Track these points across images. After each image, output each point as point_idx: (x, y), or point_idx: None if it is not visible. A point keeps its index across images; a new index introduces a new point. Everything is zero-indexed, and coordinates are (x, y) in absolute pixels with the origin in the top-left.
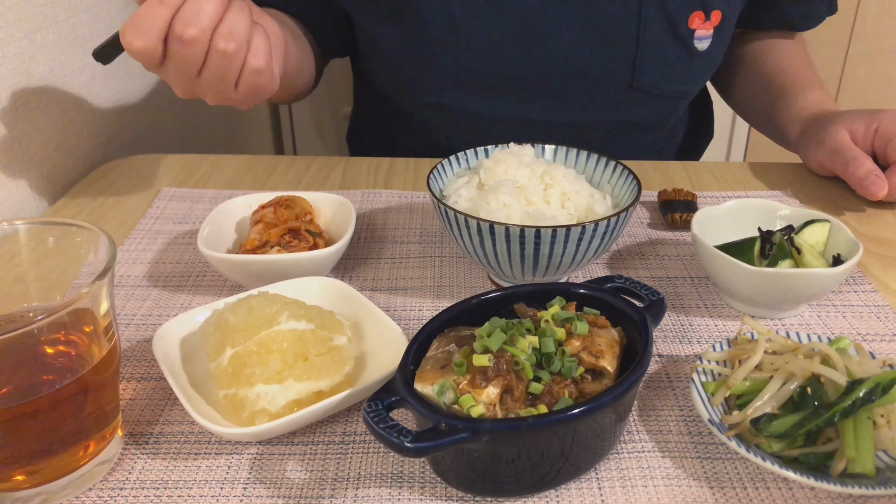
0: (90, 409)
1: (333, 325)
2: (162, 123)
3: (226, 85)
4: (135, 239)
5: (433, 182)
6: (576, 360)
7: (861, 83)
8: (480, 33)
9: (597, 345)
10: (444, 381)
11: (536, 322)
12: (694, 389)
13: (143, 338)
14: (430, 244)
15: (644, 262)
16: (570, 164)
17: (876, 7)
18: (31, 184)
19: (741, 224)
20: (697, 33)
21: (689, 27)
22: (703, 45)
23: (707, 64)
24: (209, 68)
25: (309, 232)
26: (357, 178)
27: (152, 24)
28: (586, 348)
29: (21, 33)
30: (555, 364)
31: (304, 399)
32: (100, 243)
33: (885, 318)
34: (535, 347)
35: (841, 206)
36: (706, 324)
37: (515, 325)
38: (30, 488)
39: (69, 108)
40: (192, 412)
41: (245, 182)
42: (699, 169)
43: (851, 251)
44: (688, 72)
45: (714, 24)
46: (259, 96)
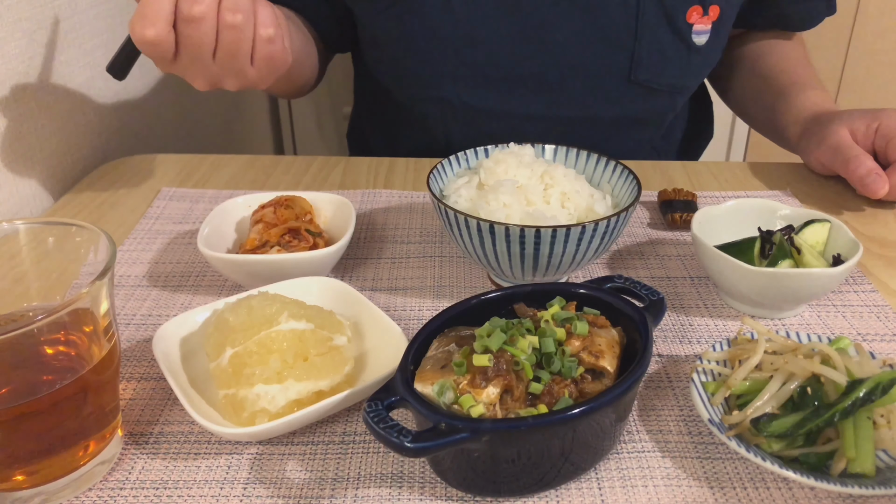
0: (90, 409)
1: (333, 325)
2: (162, 123)
3: (242, 62)
4: (135, 239)
5: (433, 182)
6: (576, 360)
7: (861, 83)
8: (479, 26)
9: (597, 345)
10: (444, 381)
11: (536, 322)
12: (694, 389)
13: (143, 338)
14: (430, 244)
15: (644, 262)
16: (570, 164)
17: (876, 7)
18: (31, 184)
19: (741, 224)
20: (695, 28)
21: (688, 21)
22: (702, 40)
23: (705, 59)
24: (222, 47)
25: (309, 232)
26: (357, 178)
27: (158, 11)
28: (586, 348)
29: (21, 33)
30: (555, 364)
31: (304, 399)
32: (100, 243)
33: (885, 318)
34: (535, 347)
35: (841, 206)
36: (706, 324)
37: (515, 325)
38: (30, 488)
39: (69, 108)
40: (191, 412)
41: (245, 182)
42: (699, 169)
43: (851, 251)
44: (686, 67)
45: (712, 20)
46: (275, 69)
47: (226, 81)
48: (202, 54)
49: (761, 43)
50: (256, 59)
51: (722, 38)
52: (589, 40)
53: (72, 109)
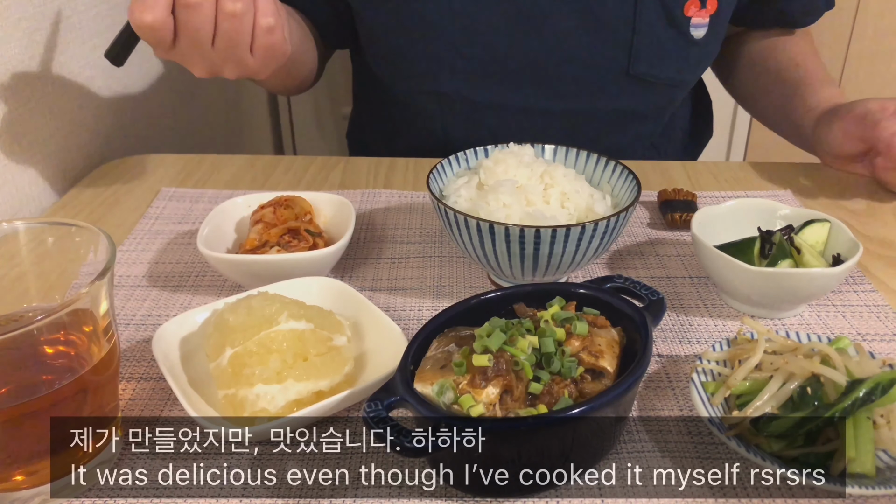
0: (90, 409)
1: (333, 325)
2: (162, 123)
3: (241, 51)
4: (135, 239)
5: (433, 182)
6: (575, 360)
7: (861, 83)
8: (477, 19)
9: (596, 345)
10: (443, 380)
11: (536, 322)
12: (694, 389)
13: (143, 338)
14: (430, 244)
15: (644, 262)
16: (570, 164)
17: (876, 7)
18: (31, 184)
19: (741, 224)
20: (693, 21)
21: (685, 14)
22: (700, 34)
23: (704, 53)
24: (221, 35)
25: (309, 232)
26: (357, 178)
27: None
28: (586, 348)
29: (21, 33)
30: (554, 364)
31: (304, 399)
32: (99, 243)
33: (885, 318)
34: (535, 347)
35: (841, 206)
36: (706, 324)
37: (515, 325)
38: (30, 488)
39: (69, 108)
40: (191, 412)
41: (245, 182)
42: (699, 169)
43: (851, 251)
44: (685, 60)
45: (710, 13)
46: (275, 58)
47: (225, 69)
48: (201, 41)
49: (770, 40)
50: (256, 48)
51: (719, 33)
52: (587, 33)
53: (72, 109)
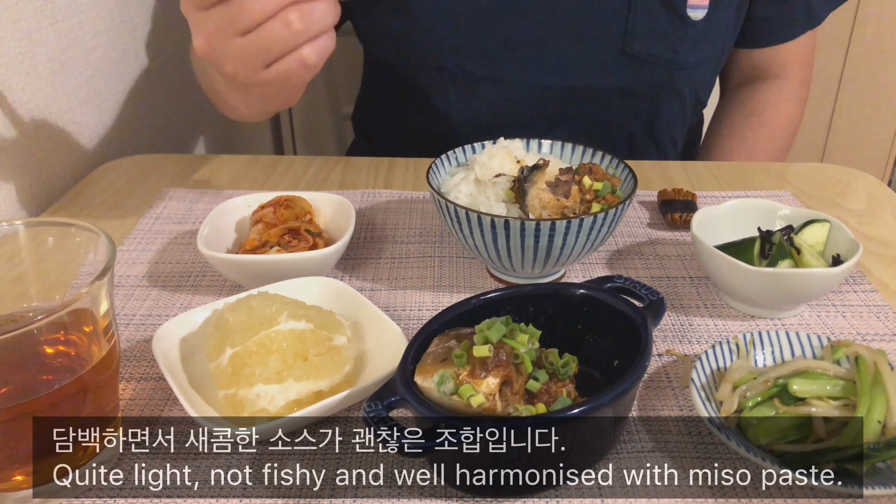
0: (90, 409)
1: (333, 325)
2: (162, 123)
3: (262, 60)
4: (135, 239)
5: (433, 179)
6: (574, 359)
7: (861, 83)
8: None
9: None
10: (444, 371)
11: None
12: (694, 389)
13: (143, 338)
14: (430, 244)
15: (644, 262)
16: (566, 158)
17: (876, 7)
18: (31, 183)
19: (741, 224)
20: (691, 2)
21: None
22: (698, 15)
23: (704, 35)
24: (260, 32)
25: (309, 232)
26: (357, 178)
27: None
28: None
29: (21, 33)
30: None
31: (304, 399)
32: (99, 243)
33: (885, 318)
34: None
35: (841, 206)
36: (706, 324)
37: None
38: (29, 488)
39: (69, 108)
40: (191, 412)
41: (245, 182)
42: (699, 169)
43: (851, 251)
44: (682, 40)
45: None
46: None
47: (227, 63)
48: (235, 23)
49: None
50: (275, 68)
51: (723, 19)
52: (584, 9)
53: (72, 109)
